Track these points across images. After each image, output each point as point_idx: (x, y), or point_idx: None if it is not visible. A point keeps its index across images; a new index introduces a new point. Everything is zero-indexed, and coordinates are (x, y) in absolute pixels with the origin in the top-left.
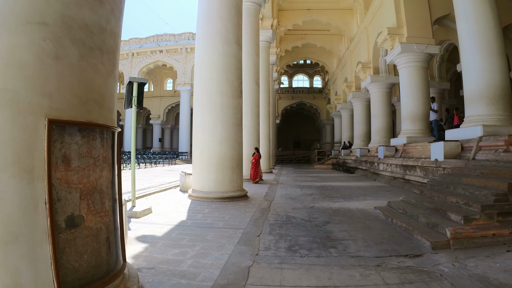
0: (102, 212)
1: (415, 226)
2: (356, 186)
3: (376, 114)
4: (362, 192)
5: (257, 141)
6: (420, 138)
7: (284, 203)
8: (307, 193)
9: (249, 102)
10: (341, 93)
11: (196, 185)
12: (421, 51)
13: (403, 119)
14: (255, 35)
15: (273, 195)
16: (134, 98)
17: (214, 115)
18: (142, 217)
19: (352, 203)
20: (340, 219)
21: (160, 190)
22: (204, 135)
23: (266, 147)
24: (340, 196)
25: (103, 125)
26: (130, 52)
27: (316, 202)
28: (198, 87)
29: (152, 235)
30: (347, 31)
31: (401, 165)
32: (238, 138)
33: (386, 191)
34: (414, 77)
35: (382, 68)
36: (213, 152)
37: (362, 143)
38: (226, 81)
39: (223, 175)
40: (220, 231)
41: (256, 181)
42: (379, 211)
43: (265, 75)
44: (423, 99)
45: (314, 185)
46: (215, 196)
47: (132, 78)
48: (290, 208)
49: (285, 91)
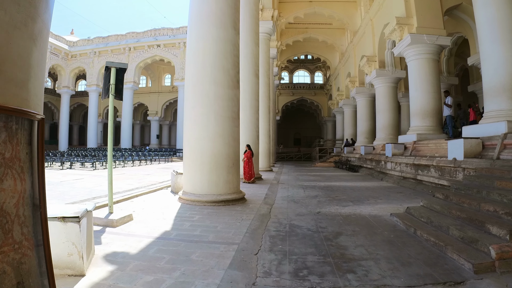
0: (7, 246)
1: (447, 240)
2: (363, 187)
3: (381, 110)
4: (371, 194)
5: (256, 137)
6: (431, 135)
7: (286, 207)
8: (311, 194)
9: (248, 96)
10: (344, 88)
11: (187, 187)
12: (431, 43)
13: (413, 115)
14: (254, 24)
15: (274, 198)
16: (112, 86)
17: (206, 107)
18: (119, 226)
19: (363, 207)
20: (353, 230)
21: (149, 192)
22: (195, 131)
23: (266, 144)
24: (348, 199)
25: (4, 108)
26: (127, 46)
27: (322, 206)
28: (189, 76)
29: (124, 253)
30: (351, 24)
31: (412, 164)
32: (235, 133)
33: (397, 192)
34: (424, 70)
35: (388, 62)
36: (205, 150)
37: (366, 141)
38: (221, 69)
39: (217, 176)
40: (210, 247)
41: (252, 180)
42: (397, 218)
43: (265, 68)
44: (434, 94)
45: (318, 185)
46: (208, 200)
47: (110, 63)
48: (293, 214)
49: (286, 87)
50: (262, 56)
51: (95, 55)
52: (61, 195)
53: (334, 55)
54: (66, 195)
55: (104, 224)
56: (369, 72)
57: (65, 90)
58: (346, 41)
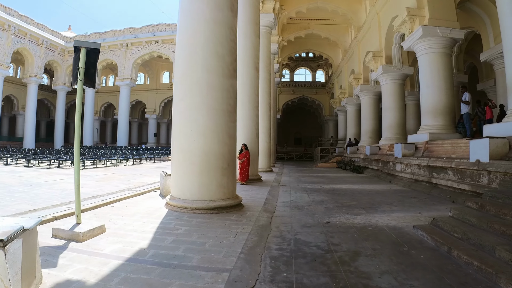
0: None
1: (495, 265)
2: (372, 190)
3: (387, 108)
4: (383, 199)
5: (255, 135)
6: (444, 135)
7: (289, 216)
8: (316, 199)
9: (247, 90)
10: (347, 86)
11: (175, 191)
12: (444, 35)
13: (424, 113)
14: (255, 14)
15: (275, 203)
16: (81, 70)
17: (197, 99)
18: (87, 240)
19: (378, 216)
20: (373, 248)
21: (135, 195)
22: (184, 126)
23: (266, 143)
24: (359, 205)
25: None
26: (124, 42)
27: (331, 214)
28: (178, 63)
29: (80, 282)
30: (355, 20)
31: (426, 166)
32: (230, 129)
33: (411, 197)
34: (436, 65)
35: (395, 57)
36: (195, 148)
37: (370, 140)
38: (215, 55)
39: (209, 179)
40: (192, 275)
41: (245, 182)
42: (422, 232)
43: (266, 63)
44: (447, 90)
45: (323, 188)
46: (198, 207)
47: (79, 42)
48: (298, 225)
49: (287, 85)
50: (263, 50)
51: None
52: (34, 198)
53: (337, 52)
54: (39, 199)
55: (68, 237)
56: (375, 69)
57: (61, 86)
58: (350, 38)
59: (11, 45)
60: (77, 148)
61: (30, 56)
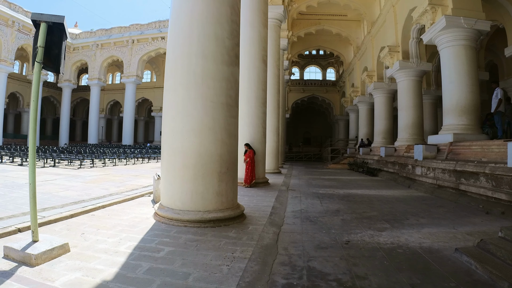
0: None
1: None
2: (391, 197)
3: (404, 107)
4: (407, 208)
5: (262, 134)
6: (469, 136)
7: (300, 231)
8: (330, 208)
9: (254, 85)
10: (359, 84)
11: (164, 199)
12: (469, 27)
13: (447, 111)
14: (262, 3)
15: (283, 214)
16: (39, 49)
17: (191, 89)
18: (41, 264)
19: (407, 232)
20: (410, 282)
21: (124, 200)
22: (175, 121)
23: (274, 142)
24: (381, 217)
25: None
26: (130, 39)
27: (350, 229)
28: (170, 48)
29: None
30: (368, 14)
31: (453, 171)
32: (230, 126)
33: (438, 206)
34: (460, 59)
35: (412, 53)
36: (188, 148)
37: (384, 141)
38: (214, 38)
39: (204, 185)
40: None
41: (252, 183)
42: (468, 258)
43: (275, 58)
44: (472, 87)
45: (336, 193)
46: (190, 219)
47: (37, 15)
48: (312, 246)
49: (296, 83)
50: (272, 44)
51: (98, 48)
52: (7, 203)
53: (348, 50)
54: (11, 204)
55: (20, 259)
56: (390, 65)
57: (67, 84)
58: (362, 34)
59: (15, 41)
60: (32, 145)
61: None
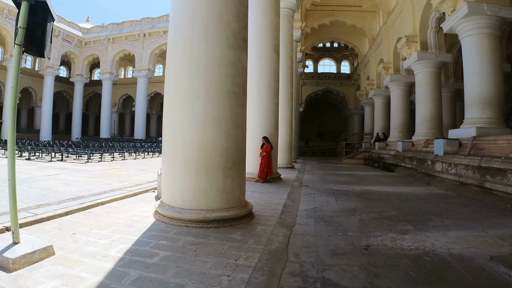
0: None
1: None
2: (411, 194)
3: (422, 100)
4: (428, 208)
5: (274, 127)
6: (493, 130)
7: (314, 233)
8: (347, 206)
9: (266, 75)
10: (375, 77)
11: (165, 196)
12: (493, 14)
13: (469, 104)
14: None
15: (295, 212)
16: (20, 30)
17: (194, 76)
18: (19, 269)
19: (432, 236)
20: None
21: (124, 196)
22: (177, 112)
23: (287, 136)
24: (402, 217)
25: None
26: (141, 32)
27: (369, 231)
28: (172, 32)
29: None
30: (384, 4)
31: (477, 167)
32: (237, 117)
33: (461, 205)
34: (484, 48)
35: (431, 43)
36: (190, 141)
37: (400, 135)
38: (218, 19)
39: (207, 182)
40: None
41: (267, 179)
42: (506, 269)
43: (288, 49)
44: (496, 78)
45: (352, 190)
46: (192, 218)
47: None
48: (327, 252)
49: (310, 76)
50: (284, 34)
51: (109, 42)
52: (1, 200)
53: (363, 41)
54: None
55: None
56: (408, 55)
57: (79, 78)
58: (378, 25)
59: None
60: (11, 137)
61: None
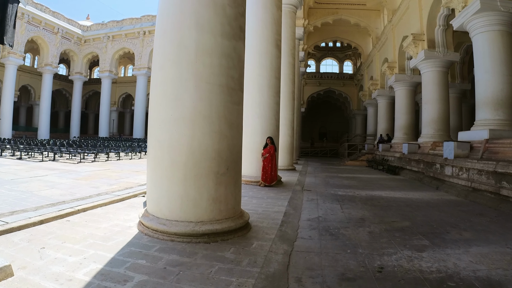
0: None
1: None
2: (420, 201)
3: (429, 100)
4: (442, 217)
5: (275, 127)
6: (507, 132)
7: (318, 251)
8: (354, 215)
9: (266, 72)
10: (379, 77)
11: (150, 205)
12: (506, 10)
13: (480, 104)
14: None
15: (296, 223)
16: None
17: (183, 68)
18: None
19: (453, 254)
20: None
21: (110, 202)
22: (162, 107)
23: (289, 136)
24: (416, 229)
25: None
26: (141, 30)
27: (381, 247)
28: (159, 18)
29: None
30: (389, 2)
31: (492, 172)
32: (232, 115)
33: (477, 214)
34: (496, 46)
35: (438, 41)
36: (178, 141)
37: (405, 137)
38: (211, 3)
39: (196, 189)
40: None
41: (273, 184)
42: None
43: (290, 46)
44: (510, 77)
45: (358, 195)
46: (179, 231)
47: None
48: (334, 277)
49: (312, 76)
50: (286, 31)
51: (109, 40)
52: None
53: (367, 41)
54: None
55: None
56: (414, 54)
57: (78, 76)
58: (382, 23)
59: (25, 33)
60: None
61: (45, 44)
